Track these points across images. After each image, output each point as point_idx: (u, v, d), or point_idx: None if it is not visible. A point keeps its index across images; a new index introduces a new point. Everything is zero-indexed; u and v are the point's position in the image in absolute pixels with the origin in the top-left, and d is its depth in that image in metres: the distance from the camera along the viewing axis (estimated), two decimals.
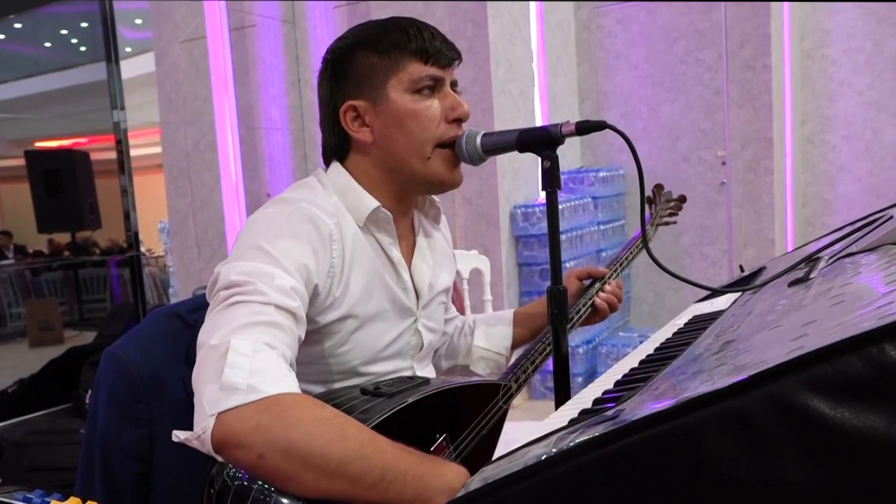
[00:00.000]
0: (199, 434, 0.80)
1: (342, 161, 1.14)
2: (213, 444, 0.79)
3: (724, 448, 0.50)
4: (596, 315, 1.39)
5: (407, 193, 1.14)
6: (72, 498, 0.61)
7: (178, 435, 0.82)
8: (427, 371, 1.24)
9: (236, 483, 0.87)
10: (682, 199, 1.64)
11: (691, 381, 0.60)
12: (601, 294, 1.37)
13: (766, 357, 0.54)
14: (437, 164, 1.09)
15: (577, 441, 0.56)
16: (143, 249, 4.03)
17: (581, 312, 1.34)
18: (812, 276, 0.92)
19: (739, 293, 1.19)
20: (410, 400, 0.96)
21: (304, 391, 0.86)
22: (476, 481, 0.62)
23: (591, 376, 4.09)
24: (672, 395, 0.58)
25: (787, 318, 0.70)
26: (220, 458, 0.81)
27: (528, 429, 0.73)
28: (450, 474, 0.79)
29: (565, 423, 0.70)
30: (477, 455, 1.07)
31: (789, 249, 4.65)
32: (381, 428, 0.89)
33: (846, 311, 0.60)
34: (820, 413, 0.48)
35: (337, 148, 1.14)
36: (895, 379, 0.47)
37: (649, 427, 0.52)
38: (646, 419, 0.52)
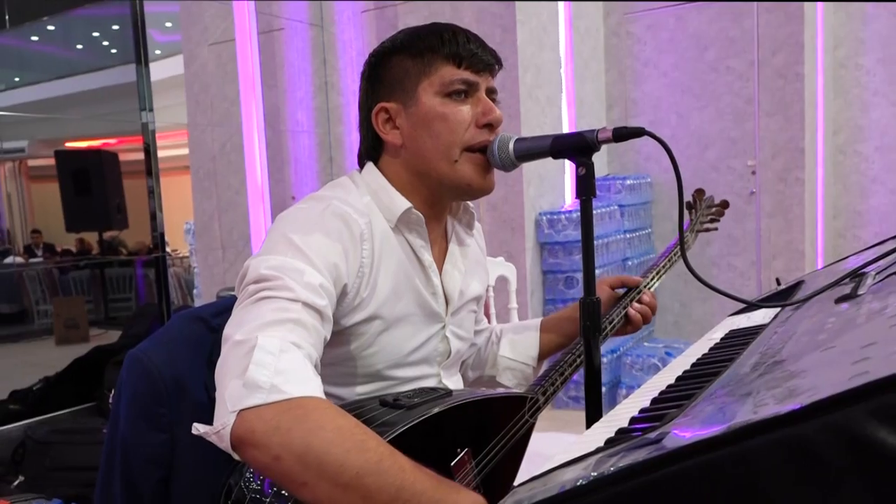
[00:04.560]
0: (219, 429, 0.78)
1: (375, 163, 1.13)
2: (232, 441, 0.78)
3: (779, 478, 0.47)
4: (629, 326, 1.35)
5: (438, 198, 1.12)
6: None
7: (199, 428, 0.81)
8: (454, 380, 1.21)
9: (253, 496, 0.84)
10: (725, 204, 1.57)
11: (740, 405, 0.57)
12: (635, 305, 1.33)
13: (824, 381, 0.51)
14: (466, 168, 1.07)
15: (619, 466, 0.53)
16: (168, 250, 4.05)
17: (614, 323, 1.30)
18: (860, 292, 0.88)
19: (779, 308, 1.14)
20: (431, 412, 0.93)
21: (326, 394, 0.84)
22: (509, 503, 0.59)
23: (614, 387, 4.03)
24: (721, 418, 0.55)
25: (841, 338, 0.66)
26: (236, 456, 0.79)
27: (551, 439, 0.69)
28: (466, 502, 0.76)
29: (601, 443, 0.67)
30: (501, 470, 1.03)
31: (819, 261, 4.55)
32: (401, 441, 0.86)
33: None
34: (888, 444, 0.44)
35: (370, 150, 1.14)
36: None
37: (699, 454, 0.49)
38: (695, 445, 0.49)
